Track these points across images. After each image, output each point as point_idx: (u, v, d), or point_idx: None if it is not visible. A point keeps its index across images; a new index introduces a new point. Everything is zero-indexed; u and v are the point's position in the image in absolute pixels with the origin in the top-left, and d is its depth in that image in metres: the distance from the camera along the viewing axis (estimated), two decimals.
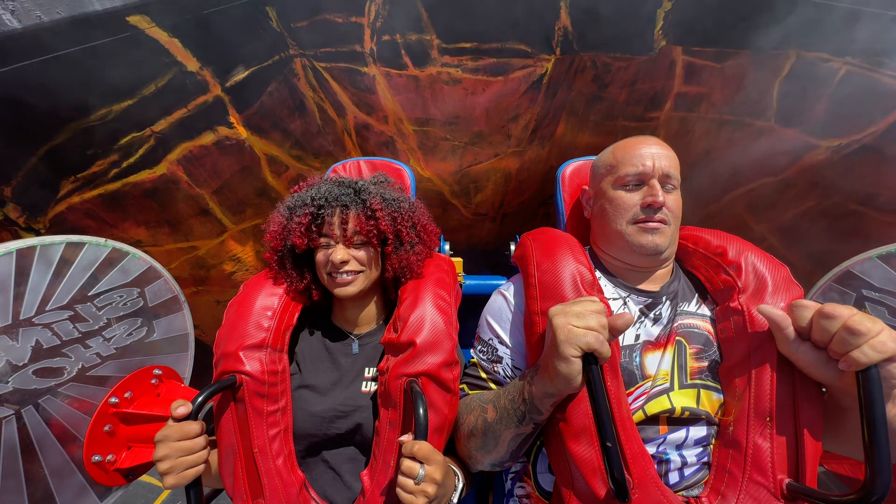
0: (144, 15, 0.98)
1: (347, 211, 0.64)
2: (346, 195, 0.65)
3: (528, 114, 1.53)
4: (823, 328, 0.45)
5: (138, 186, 1.14)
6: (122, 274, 0.84)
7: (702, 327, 0.62)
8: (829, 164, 1.26)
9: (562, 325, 0.46)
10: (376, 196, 0.66)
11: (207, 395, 0.55)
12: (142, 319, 0.88)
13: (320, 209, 0.64)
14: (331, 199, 0.64)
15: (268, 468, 0.58)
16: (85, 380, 0.78)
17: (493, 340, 0.67)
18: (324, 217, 0.64)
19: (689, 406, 0.56)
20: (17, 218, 0.96)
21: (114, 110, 1.02)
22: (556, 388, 0.48)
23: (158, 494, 1.36)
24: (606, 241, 0.69)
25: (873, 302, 0.79)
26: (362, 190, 0.67)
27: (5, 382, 0.66)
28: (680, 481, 0.56)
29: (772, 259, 0.61)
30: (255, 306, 0.65)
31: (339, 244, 0.64)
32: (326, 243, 0.64)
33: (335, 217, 0.64)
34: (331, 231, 0.64)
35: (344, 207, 0.64)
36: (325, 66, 1.41)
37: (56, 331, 0.73)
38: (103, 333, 0.81)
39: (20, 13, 0.78)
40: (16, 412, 0.68)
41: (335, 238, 0.64)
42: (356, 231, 0.64)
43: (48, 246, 0.72)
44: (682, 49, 1.34)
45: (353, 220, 0.64)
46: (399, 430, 0.57)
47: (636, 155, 0.65)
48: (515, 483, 0.66)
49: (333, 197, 0.65)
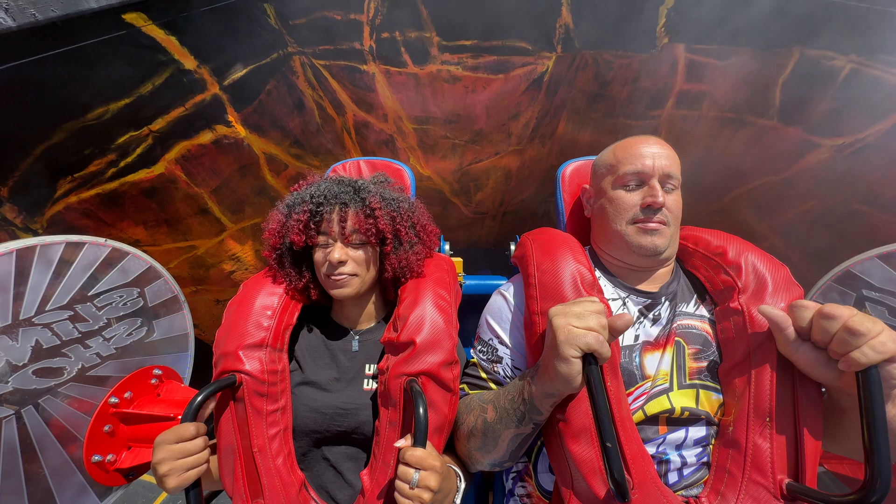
0: (141, 12, 0.97)
1: (346, 209, 0.64)
2: (346, 193, 0.65)
3: (528, 112, 1.53)
4: (823, 328, 0.45)
5: (136, 186, 1.14)
6: (122, 274, 0.83)
7: (700, 328, 0.61)
8: (831, 163, 1.25)
9: (562, 326, 0.46)
10: (376, 195, 0.66)
11: (207, 395, 0.55)
12: (142, 319, 0.88)
13: (319, 206, 0.64)
14: (330, 196, 0.64)
15: (267, 468, 0.58)
16: (85, 380, 0.78)
17: (493, 340, 0.67)
18: (322, 214, 0.64)
19: (688, 406, 0.56)
20: (14, 218, 0.95)
21: (111, 109, 1.01)
22: (556, 389, 0.48)
23: (158, 494, 1.37)
24: (606, 241, 0.68)
25: (873, 302, 0.79)
26: (362, 188, 0.67)
27: (5, 382, 0.66)
28: (679, 481, 0.56)
29: (772, 259, 0.61)
30: (255, 306, 0.65)
31: (338, 242, 0.64)
32: (325, 241, 0.64)
33: (334, 214, 0.64)
34: (329, 229, 0.64)
35: (343, 205, 0.64)
36: (324, 64, 1.40)
37: (56, 331, 0.73)
38: (103, 333, 0.81)
39: (14, 11, 0.77)
40: (16, 412, 0.68)
41: (333, 236, 0.64)
42: (355, 229, 0.64)
43: (48, 246, 0.72)
44: (684, 46, 1.33)
45: (352, 218, 0.64)
46: (399, 430, 0.57)
47: (637, 154, 0.64)
48: (516, 483, 0.66)
49: (333, 195, 0.64)
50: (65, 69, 0.89)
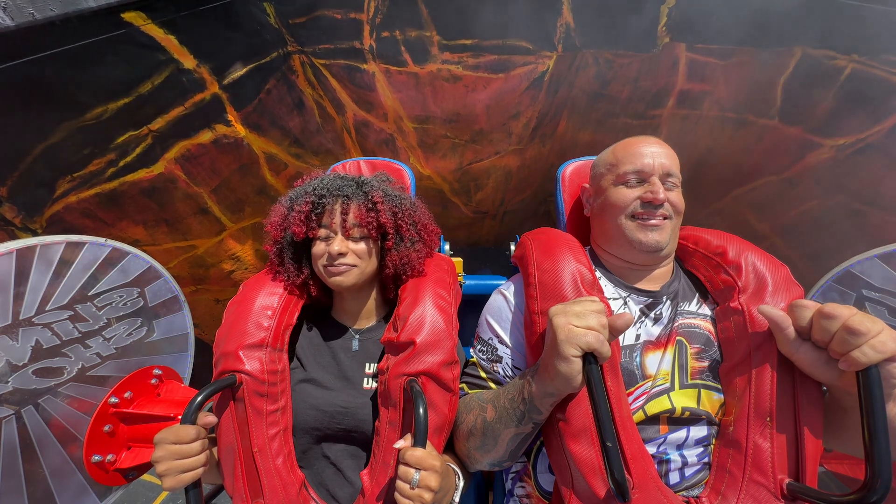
0: (140, 11, 0.96)
1: (349, 202, 0.64)
2: (348, 187, 0.65)
3: (529, 111, 1.52)
4: (824, 328, 0.45)
5: (136, 185, 1.13)
6: (122, 274, 0.83)
7: (702, 327, 0.61)
8: (833, 163, 1.25)
9: (562, 325, 0.46)
10: (378, 189, 0.66)
11: (207, 395, 0.55)
12: (142, 319, 0.88)
13: (321, 198, 0.64)
14: (332, 189, 0.64)
15: (267, 468, 0.58)
16: (85, 380, 0.78)
17: (492, 340, 0.67)
18: (324, 206, 0.64)
19: (689, 406, 0.56)
20: (14, 218, 0.95)
21: (109, 109, 1.01)
22: (556, 388, 0.48)
23: (158, 494, 1.37)
24: (606, 238, 0.68)
25: (873, 302, 0.79)
26: (364, 183, 0.67)
27: (5, 382, 0.66)
28: (680, 481, 0.56)
29: (772, 259, 0.61)
30: (255, 305, 0.65)
31: (339, 235, 0.64)
32: (326, 234, 0.64)
33: (336, 207, 0.64)
34: (331, 221, 0.64)
35: (345, 198, 0.64)
36: (324, 63, 1.39)
37: (56, 331, 0.73)
38: (103, 333, 0.81)
39: (13, 10, 0.77)
40: (16, 412, 0.68)
41: (334, 228, 0.64)
42: (356, 223, 0.64)
43: (48, 246, 0.71)
44: (685, 46, 1.33)
45: (354, 211, 0.64)
46: (399, 430, 0.57)
47: (637, 153, 0.64)
48: (516, 483, 0.66)
49: (335, 187, 0.65)
50: (64, 68, 0.89)
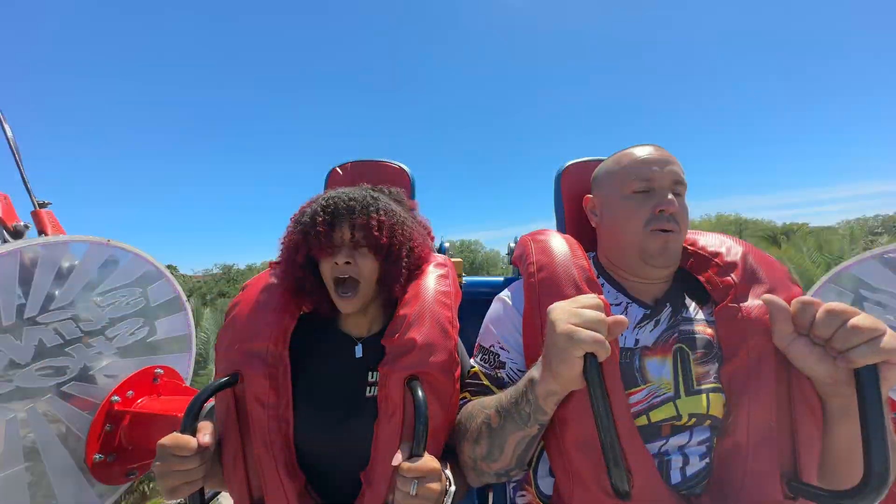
0: None
1: (354, 218, 0.65)
2: (355, 201, 0.66)
3: None
4: (828, 324, 0.46)
5: None
6: (125, 274, 0.84)
7: (702, 332, 0.61)
8: None
9: (561, 323, 0.46)
10: (382, 206, 0.68)
11: (207, 395, 0.55)
12: (144, 319, 0.88)
13: (327, 216, 0.65)
14: (340, 206, 0.65)
15: (268, 468, 0.58)
16: (87, 379, 0.78)
17: (494, 346, 0.67)
18: (333, 225, 0.65)
19: (696, 412, 0.56)
20: None
21: None
22: (557, 386, 0.48)
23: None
24: (618, 250, 0.67)
25: (871, 302, 0.79)
26: (368, 199, 0.68)
27: (8, 381, 0.67)
28: (682, 481, 0.56)
29: (771, 259, 0.61)
30: (257, 306, 0.65)
31: (344, 249, 0.65)
32: (332, 251, 0.65)
33: (344, 224, 0.65)
34: (340, 238, 0.65)
35: (350, 215, 0.65)
36: None
37: (59, 330, 0.74)
38: (105, 333, 0.81)
39: None
40: (18, 411, 0.68)
41: (341, 245, 0.65)
42: (360, 238, 0.65)
43: (52, 246, 0.72)
44: None
45: (359, 227, 0.65)
46: (399, 429, 0.57)
47: (643, 163, 0.64)
48: (517, 492, 0.66)
49: (342, 203, 0.66)
50: None
